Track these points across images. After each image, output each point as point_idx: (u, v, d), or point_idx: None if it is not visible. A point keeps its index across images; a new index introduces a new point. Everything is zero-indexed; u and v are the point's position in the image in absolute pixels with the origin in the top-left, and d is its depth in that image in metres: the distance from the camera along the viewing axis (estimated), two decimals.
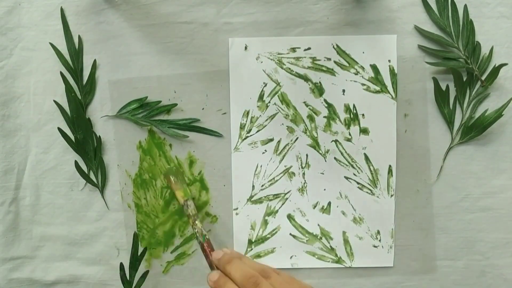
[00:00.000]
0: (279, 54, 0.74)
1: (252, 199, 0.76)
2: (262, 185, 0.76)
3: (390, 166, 0.75)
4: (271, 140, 0.75)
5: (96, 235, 0.77)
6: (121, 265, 0.74)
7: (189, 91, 0.74)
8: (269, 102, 0.75)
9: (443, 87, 0.73)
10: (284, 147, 0.75)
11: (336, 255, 0.76)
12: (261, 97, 0.75)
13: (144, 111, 0.75)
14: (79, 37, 0.75)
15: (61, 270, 0.77)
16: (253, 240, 0.76)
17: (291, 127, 0.75)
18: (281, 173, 0.76)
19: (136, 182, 0.76)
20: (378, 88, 0.74)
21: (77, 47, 0.74)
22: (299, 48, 0.74)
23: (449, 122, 0.73)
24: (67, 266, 0.77)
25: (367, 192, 0.75)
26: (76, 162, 0.75)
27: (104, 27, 0.74)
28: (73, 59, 0.74)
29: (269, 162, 0.76)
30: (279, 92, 0.75)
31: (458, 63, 0.72)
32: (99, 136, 0.75)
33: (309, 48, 0.74)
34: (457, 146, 0.74)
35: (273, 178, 0.76)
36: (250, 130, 0.75)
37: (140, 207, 0.76)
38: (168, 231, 0.77)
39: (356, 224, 0.76)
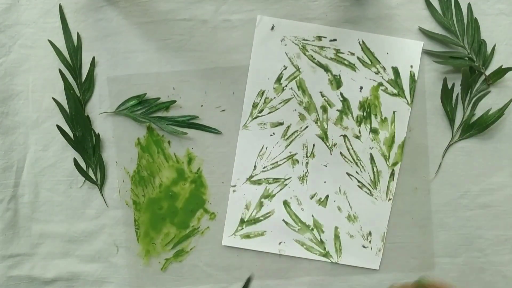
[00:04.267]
0: (304, 40, 0.74)
1: (252, 179, 0.76)
2: (264, 167, 0.76)
3: (393, 170, 0.75)
4: (281, 124, 0.75)
5: (95, 232, 0.77)
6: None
7: (188, 88, 0.75)
8: (286, 86, 0.75)
9: (441, 84, 0.73)
10: (293, 133, 0.75)
11: (325, 249, 0.76)
12: (278, 80, 0.75)
13: (142, 108, 0.75)
14: (78, 34, 0.75)
15: (60, 268, 0.77)
16: (245, 220, 0.76)
17: (303, 114, 0.75)
18: (285, 158, 0.76)
19: (134, 179, 0.76)
20: (395, 91, 0.74)
21: (75, 44, 0.74)
22: (325, 37, 0.74)
23: (451, 120, 0.73)
24: (66, 263, 0.77)
25: (366, 192, 0.75)
26: (75, 160, 0.75)
27: (103, 24, 0.74)
28: (71, 56, 0.74)
29: (275, 145, 0.76)
30: (298, 78, 0.75)
31: (464, 62, 0.72)
32: (98, 133, 0.75)
33: (335, 40, 0.74)
34: (455, 143, 0.74)
35: (276, 162, 0.76)
36: (262, 110, 0.75)
37: (138, 204, 0.76)
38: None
39: (350, 222, 0.76)
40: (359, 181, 0.75)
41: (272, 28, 0.74)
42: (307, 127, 0.75)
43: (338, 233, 0.76)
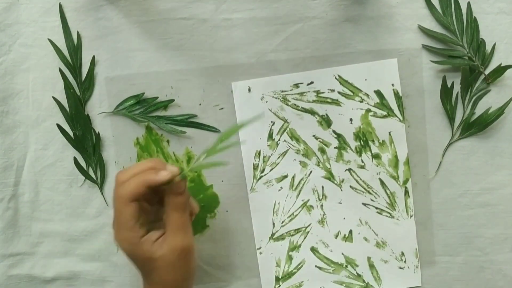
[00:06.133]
0: (282, 91, 0.74)
1: (274, 237, 0.76)
2: (282, 222, 0.76)
3: (406, 187, 0.75)
4: (286, 176, 0.76)
5: (95, 231, 0.77)
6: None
7: (186, 87, 0.74)
8: (279, 139, 0.75)
9: (440, 83, 0.73)
10: (299, 182, 0.76)
11: (364, 281, 0.76)
12: (270, 136, 0.75)
13: (141, 108, 0.75)
14: (78, 33, 0.75)
15: (60, 267, 0.77)
16: (280, 277, 0.77)
17: (304, 161, 0.75)
18: (299, 207, 0.76)
19: None
20: (385, 113, 0.74)
21: (75, 43, 0.74)
22: (302, 83, 0.74)
23: (451, 119, 0.73)
24: (66, 262, 0.78)
25: (386, 216, 0.75)
26: (75, 159, 0.75)
27: (102, 23, 0.74)
28: (71, 55, 0.74)
29: (286, 198, 0.76)
30: (288, 129, 0.75)
31: (463, 61, 0.72)
32: (98, 132, 0.75)
33: (311, 82, 0.74)
34: (455, 142, 0.74)
35: (292, 214, 0.76)
36: (263, 170, 0.75)
37: None
38: None
39: (380, 249, 0.76)
40: (376, 208, 0.75)
41: (249, 90, 0.74)
42: (311, 172, 0.76)
43: (372, 262, 0.76)
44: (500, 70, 0.72)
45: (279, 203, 0.76)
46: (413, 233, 0.75)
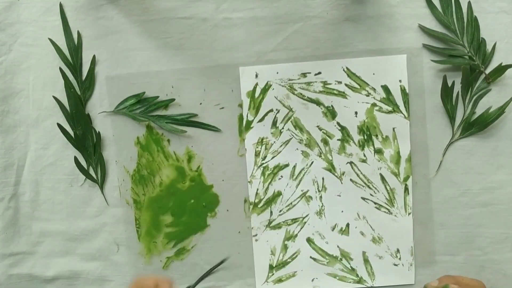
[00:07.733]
0: (290, 80, 0.74)
1: (271, 225, 0.76)
2: (280, 211, 0.76)
3: (406, 184, 0.75)
4: (287, 165, 0.76)
5: (96, 230, 0.77)
6: None
7: (187, 86, 0.74)
8: (283, 128, 0.75)
9: (440, 82, 0.73)
10: (300, 172, 0.76)
11: (357, 275, 0.76)
12: (274, 124, 0.75)
13: (141, 107, 0.75)
14: (78, 33, 0.75)
15: (61, 266, 0.78)
16: (274, 265, 0.77)
17: (306, 151, 0.75)
18: (298, 197, 0.76)
19: (135, 178, 0.76)
20: (390, 108, 0.74)
21: (76, 43, 0.74)
22: (310, 73, 0.74)
23: (451, 118, 0.73)
24: (67, 261, 0.78)
25: (384, 212, 0.75)
26: (75, 158, 0.75)
27: (103, 22, 0.74)
28: (72, 55, 0.74)
29: (285, 187, 0.76)
30: (292, 118, 0.75)
31: (463, 60, 0.72)
32: (99, 132, 0.75)
33: (319, 73, 0.74)
34: (456, 141, 0.74)
35: (291, 203, 0.76)
36: (265, 157, 0.75)
37: (139, 203, 0.76)
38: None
39: (376, 244, 0.76)
40: (375, 203, 0.75)
41: (256, 76, 0.74)
42: (312, 163, 0.75)
43: (367, 257, 0.76)
44: (501, 70, 0.72)
45: (278, 192, 0.76)
46: (410, 231, 0.75)
